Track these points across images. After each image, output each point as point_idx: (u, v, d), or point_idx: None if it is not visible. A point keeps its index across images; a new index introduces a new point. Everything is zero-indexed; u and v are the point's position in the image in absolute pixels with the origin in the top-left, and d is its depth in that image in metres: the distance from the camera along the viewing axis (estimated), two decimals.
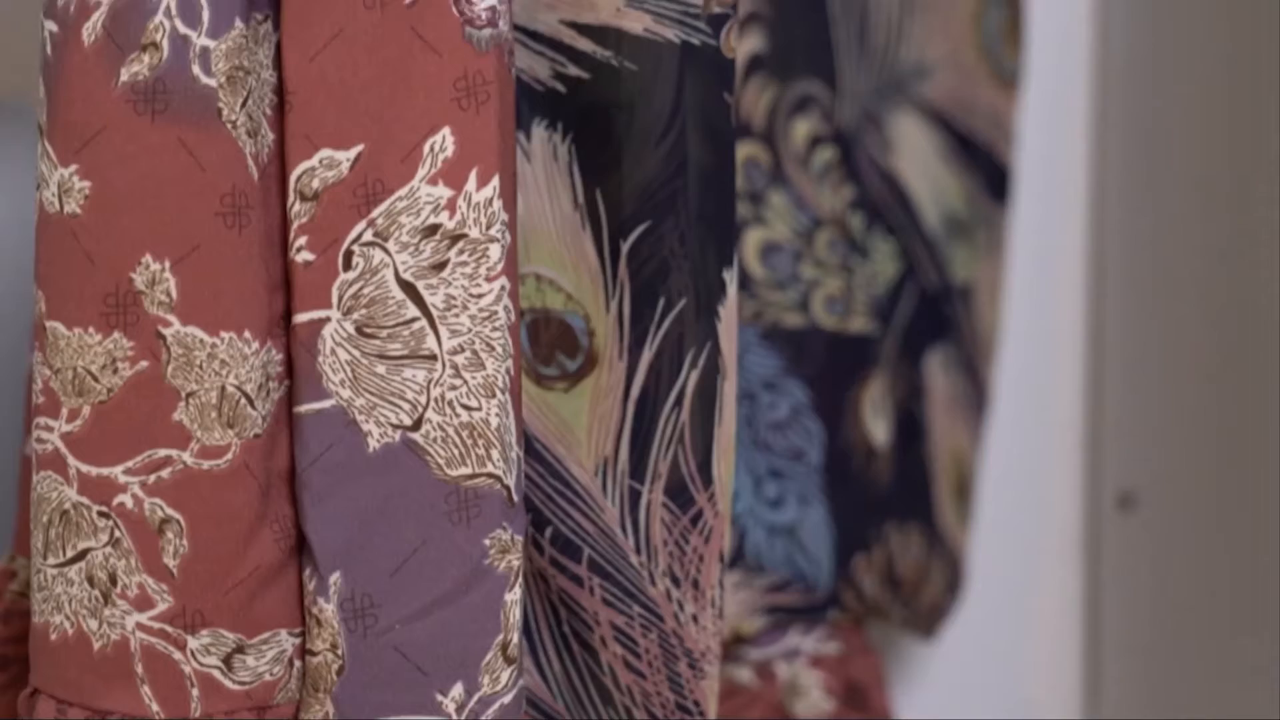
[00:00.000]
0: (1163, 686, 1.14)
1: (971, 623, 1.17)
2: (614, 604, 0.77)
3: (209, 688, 0.70)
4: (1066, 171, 1.21)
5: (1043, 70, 1.15)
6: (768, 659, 0.98)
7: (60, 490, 0.70)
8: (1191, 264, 1.11)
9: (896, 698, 1.10)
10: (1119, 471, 1.18)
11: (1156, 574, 1.15)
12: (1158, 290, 1.15)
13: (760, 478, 0.97)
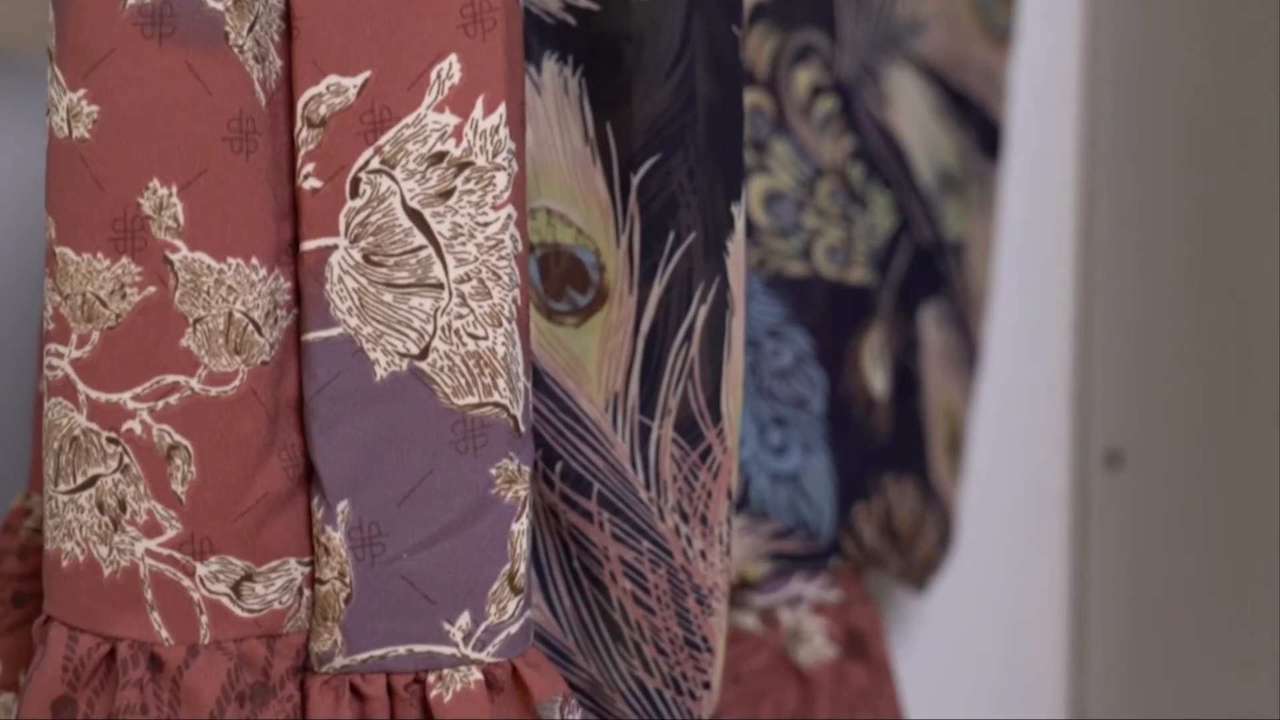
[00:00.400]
0: (1150, 643, 1.15)
1: (960, 578, 1.17)
2: (623, 539, 0.76)
3: (218, 615, 0.69)
4: (1057, 131, 1.21)
5: (1034, 28, 1.16)
6: (771, 605, 0.98)
7: (70, 416, 0.69)
8: (1180, 224, 1.11)
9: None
10: (1106, 430, 1.18)
11: (1144, 532, 1.15)
12: (1146, 249, 1.15)
13: (764, 425, 0.96)
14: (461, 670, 0.71)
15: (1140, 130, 1.15)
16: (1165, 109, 1.14)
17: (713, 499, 0.78)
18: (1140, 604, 1.15)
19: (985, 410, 1.16)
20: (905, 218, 1.05)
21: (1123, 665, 1.17)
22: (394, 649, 0.71)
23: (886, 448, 1.02)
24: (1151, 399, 1.15)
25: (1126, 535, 1.17)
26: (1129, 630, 1.17)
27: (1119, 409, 1.17)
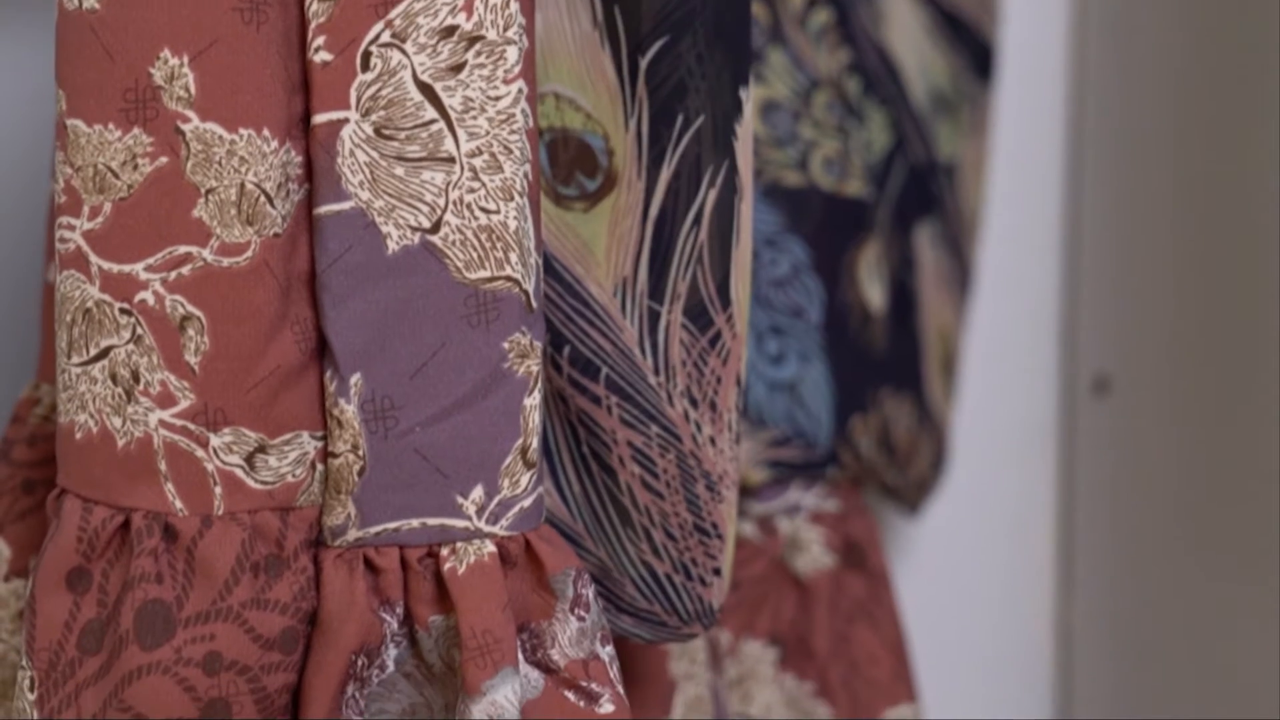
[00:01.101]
0: (1135, 566, 1.15)
1: (950, 504, 1.18)
2: (632, 424, 0.76)
3: (231, 486, 0.69)
4: (1047, 56, 1.21)
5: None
6: (769, 513, 0.98)
7: (82, 288, 0.69)
8: (1169, 149, 1.12)
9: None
10: (1094, 356, 1.19)
11: (1131, 458, 1.16)
12: (1134, 176, 1.15)
13: (761, 334, 0.97)
14: (475, 543, 0.71)
15: (1129, 53, 1.16)
16: (1152, 42, 1.14)
17: (722, 385, 0.78)
18: (1127, 528, 1.16)
19: (973, 337, 1.17)
20: (900, 136, 1.05)
21: (1109, 585, 1.18)
22: (407, 522, 0.71)
23: (883, 362, 1.03)
24: (1138, 325, 1.15)
25: (1114, 460, 1.17)
26: (1116, 552, 1.17)
27: (1106, 335, 1.18)
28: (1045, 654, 1.22)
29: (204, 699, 0.69)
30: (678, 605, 0.78)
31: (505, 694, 0.70)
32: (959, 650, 1.20)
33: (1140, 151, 1.15)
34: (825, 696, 0.99)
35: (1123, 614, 1.17)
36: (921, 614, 1.11)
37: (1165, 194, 1.12)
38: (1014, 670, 1.23)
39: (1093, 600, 1.20)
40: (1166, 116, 1.13)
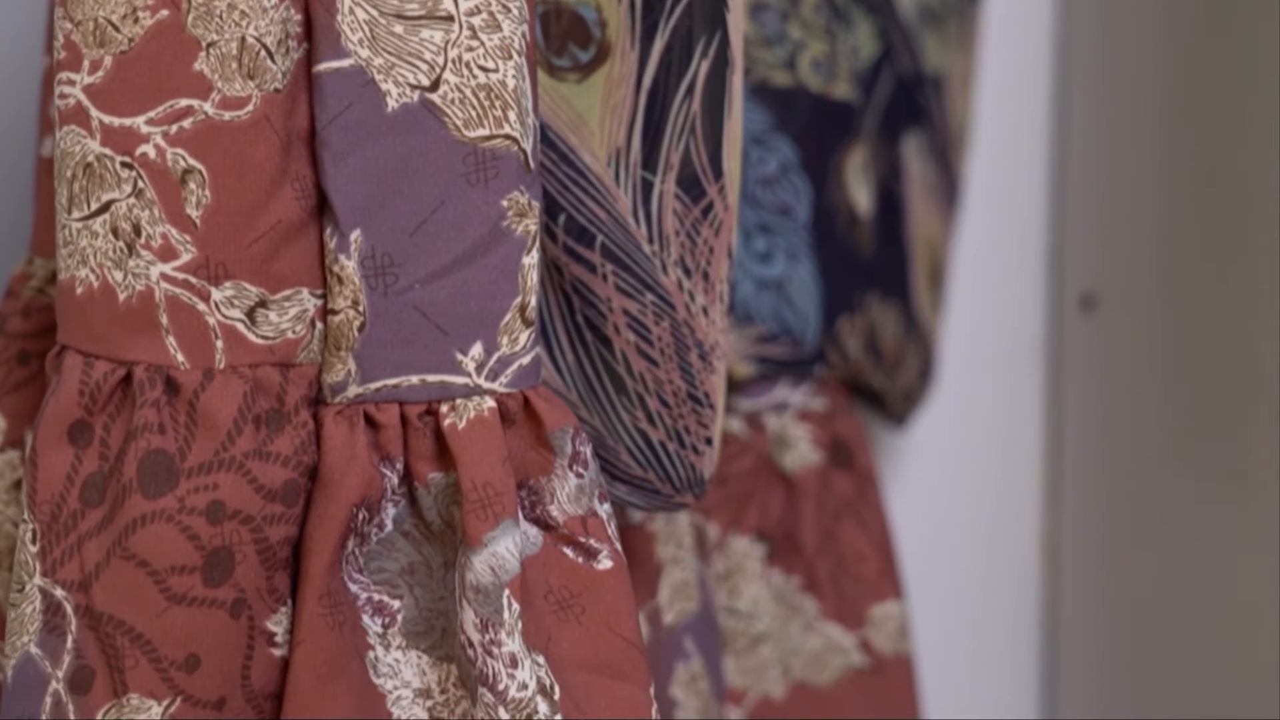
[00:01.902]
0: (1122, 481, 1.16)
1: (937, 421, 1.18)
2: (627, 291, 0.77)
3: (233, 340, 0.70)
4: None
5: None
6: (757, 410, 0.99)
7: (83, 143, 0.69)
8: (1156, 66, 1.13)
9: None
10: (1081, 273, 1.19)
11: (1118, 374, 1.16)
12: (1122, 92, 1.16)
13: (749, 231, 0.97)
14: (474, 399, 0.71)
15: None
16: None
17: (714, 255, 0.79)
18: (1114, 443, 1.17)
19: (962, 253, 1.17)
20: (887, 46, 1.06)
21: (1096, 500, 1.18)
22: (407, 379, 0.71)
23: (871, 266, 1.03)
24: (1126, 242, 1.16)
25: (1101, 377, 1.18)
26: (1103, 468, 1.18)
27: (1094, 252, 1.19)
28: (1032, 569, 1.23)
29: (207, 547, 0.69)
30: (671, 473, 0.79)
31: (506, 545, 0.71)
32: (947, 565, 1.21)
33: (1128, 67, 1.16)
34: (812, 590, 0.99)
35: (1110, 528, 1.18)
36: (910, 529, 1.12)
37: (1153, 110, 1.13)
38: (1001, 585, 1.24)
39: (1080, 515, 1.20)
40: (1155, 32, 1.13)
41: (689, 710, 0.88)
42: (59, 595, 0.69)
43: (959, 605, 1.23)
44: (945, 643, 1.19)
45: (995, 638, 1.24)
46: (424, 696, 0.73)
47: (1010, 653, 1.24)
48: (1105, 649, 1.17)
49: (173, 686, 0.69)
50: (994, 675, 1.24)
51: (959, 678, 1.21)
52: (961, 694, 1.22)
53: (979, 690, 1.24)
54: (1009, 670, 1.24)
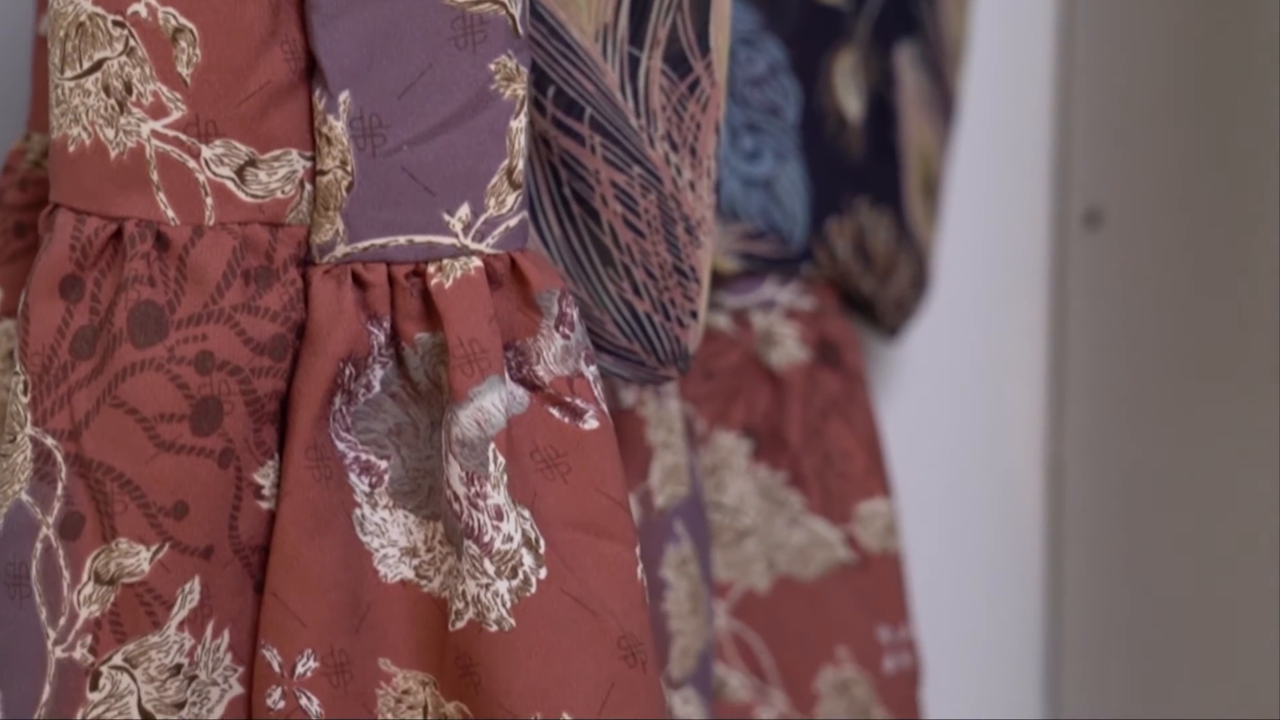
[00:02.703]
0: (1126, 399, 1.16)
1: (938, 338, 1.19)
2: (614, 163, 0.78)
3: (222, 197, 0.70)
4: None
5: None
6: (744, 307, 0.99)
7: (75, 3, 0.70)
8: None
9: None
10: (1085, 189, 1.20)
11: (1122, 290, 1.17)
12: (1127, 6, 1.16)
13: (737, 130, 0.98)
14: (461, 260, 0.72)
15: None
16: None
17: (701, 131, 0.79)
18: (1118, 361, 1.17)
19: (964, 170, 1.18)
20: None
21: (1099, 418, 1.19)
22: (394, 239, 0.72)
23: (860, 171, 1.04)
24: (1130, 158, 1.16)
25: (1105, 293, 1.18)
26: (1106, 385, 1.18)
27: (1098, 169, 1.19)
28: (1035, 490, 1.24)
29: (196, 396, 0.70)
30: (656, 345, 0.80)
31: (492, 400, 0.71)
32: (947, 485, 1.22)
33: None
34: (797, 486, 1.00)
35: (1114, 446, 1.18)
36: (910, 448, 1.13)
37: (1158, 25, 1.13)
38: (1002, 505, 1.24)
39: (1083, 433, 1.21)
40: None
41: (679, 593, 0.89)
42: (49, 444, 0.70)
43: (959, 525, 1.23)
44: (944, 562, 1.20)
45: (997, 557, 1.25)
46: (410, 555, 0.74)
47: (1013, 571, 1.25)
48: (1110, 567, 1.18)
49: (161, 532, 0.70)
50: (996, 594, 1.24)
51: (958, 599, 1.22)
52: (961, 617, 1.22)
53: (978, 611, 1.24)
54: (1011, 589, 1.25)
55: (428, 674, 0.74)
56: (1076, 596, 1.20)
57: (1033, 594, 1.24)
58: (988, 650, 1.24)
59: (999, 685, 1.24)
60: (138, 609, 0.70)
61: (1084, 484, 1.21)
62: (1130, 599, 1.15)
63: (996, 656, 1.24)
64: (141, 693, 0.70)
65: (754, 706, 0.99)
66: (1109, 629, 1.17)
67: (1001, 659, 1.25)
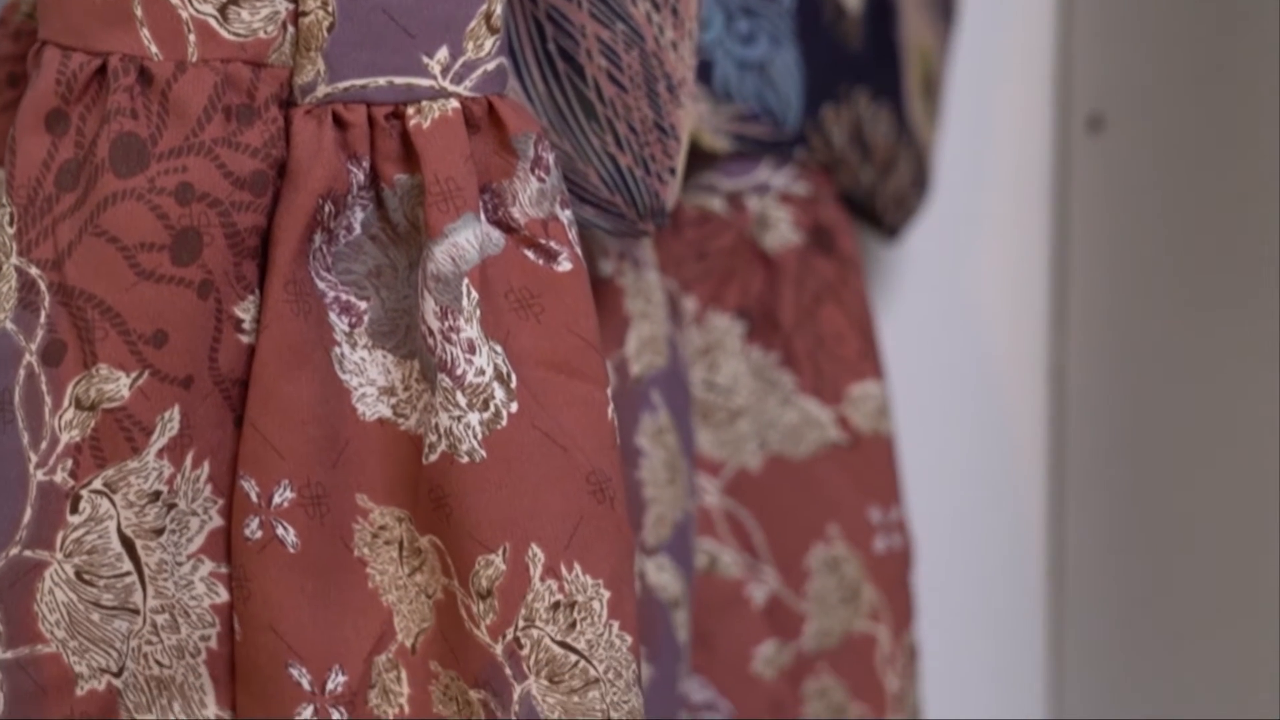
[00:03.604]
0: (1129, 302, 1.17)
1: (940, 240, 1.20)
2: (599, 18, 0.79)
3: (205, 34, 0.72)
4: None
5: None
6: (738, 190, 1.01)
7: None
8: None
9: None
10: (1087, 94, 1.20)
11: (1124, 196, 1.17)
12: None
13: (731, 13, 0.99)
14: (440, 101, 0.73)
15: None
16: None
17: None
18: (1120, 265, 1.18)
19: (964, 74, 1.18)
20: None
21: (1102, 321, 1.19)
22: (374, 80, 0.73)
23: (857, 61, 1.05)
24: (1132, 62, 1.17)
25: (1108, 197, 1.19)
26: (1110, 287, 1.19)
27: (1100, 73, 1.20)
28: (1039, 393, 1.24)
29: (176, 226, 0.71)
30: (636, 198, 0.81)
31: (466, 237, 0.73)
32: (945, 393, 1.22)
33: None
34: (790, 366, 1.01)
35: (1117, 352, 1.19)
36: (911, 357, 1.14)
37: None
38: (1006, 412, 1.25)
39: (1086, 339, 1.22)
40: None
41: (655, 461, 0.90)
42: (34, 273, 0.71)
43: (962, 432, 1.24)
44: (945, 466, 1.20)
45: (996, 466, 1.26)
46: (388, 394, 0.75)
47: (1016, 479, 1.25)
48: (1112, 472, 1.18)
49: (141, 360, 0.71)
50: (997, 498, 1.25)
51: (959, 502, 1.23)
52: (961, 523, 1.23)
53: (980, 521, 1.25)
54: (1013, 494, 1.25)
55: (403, 510, 0.75)
56: (1080, 500, 1.21)
57: (1035, 494, 1.25)
58: (987, 551, 1.25)
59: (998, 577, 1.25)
60: (117, 434, 0.71)
61: (1088, 390, 1.21)
62: (1136, 501, 1.15)
63: (994, 556, 1.25)
64: (121, 518, 0.72)
65: (746, 583, 1.00)
66: (1115, 537, 1.18)
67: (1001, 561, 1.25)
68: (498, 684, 0.72)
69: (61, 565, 0.71)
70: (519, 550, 0.72)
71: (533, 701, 0.72)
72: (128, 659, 0.72)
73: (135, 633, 0.72)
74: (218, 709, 0.75)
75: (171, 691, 0.74)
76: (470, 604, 0.73)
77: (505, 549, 0.72)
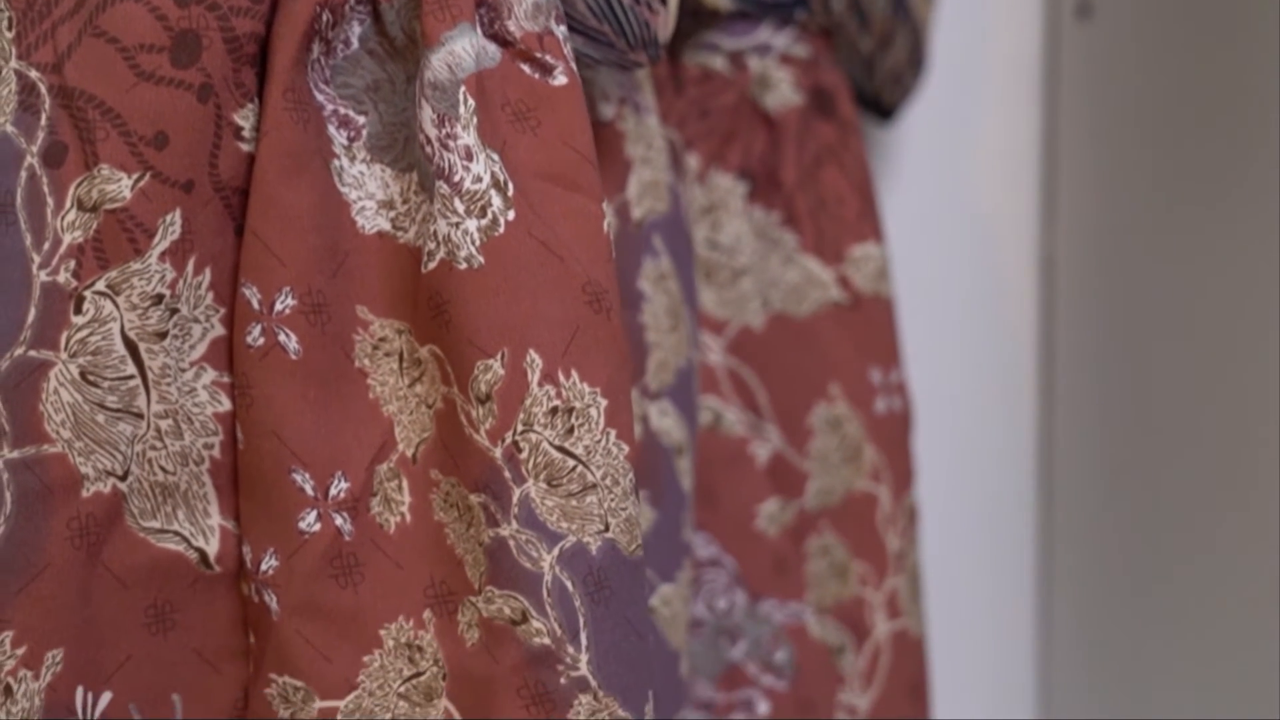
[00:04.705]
0: (1116, 189, 1.17)
1: (929, 129, 1.20)
2: None
3: None
4: None
5: None
6: (740, 50, 1.01)
7: None
8: None
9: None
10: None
11: (1114, 83, 1.18)
12: None
13: None
14: None
15: None
16: None
17: None
18: (1108, 153, 1.18)
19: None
20: None
21: (1090, 210, 1.20)
22: None
23: None
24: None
25: (1097, 84, 1.19)
26: (1097, 175, 1.19)
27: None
28: (1027, 290, 1.25)
29: (175, 28, 0.72)
30: (625, 27, 0.81)
31: (463, 45, 0.74)
32: (936, 283, 1.23)
33: None
34: (792, 225, 1.02)
35: (1106, 239, 1.19)
36: (901, 248, 1.14)
37: None
38: (996, 304, 1.25)
39: (1076, 226, 1.22)
40: None
41: (657, 306, 0.91)
42: (33, 76, 0.72)
43: (950, 320, 1.25)
44: (936, 356, 1.21)
45: (989, 354, 1.26)
46: (387, 208, 0.76)
47: (1005, 370, 1.26)
48: (1098, 366, 1.18)
49: (142, 161, 0.72)
50: (988, 381, 1.26)
51: (949, 382, 1.23)
52: (953, 400, 1.24)
53: (971, 402, 1.25)
54: (1004, 376, 1.26)
55: (403, 322, 0.76)
56: (1068, 391, 1.21)
57: (1025, 386, 1.25)
58: (977, 430, 1.25)
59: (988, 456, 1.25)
60: (120, 235, 0.72)
61: (1076, 279, 1.22)
62: (1118, 388, 1.15)
63: (985, 435, 1.26)
64: (124, 320, 0.73)
65: (749, 441, 1.01)
66: (1099, 426, 1.18)
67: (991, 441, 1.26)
68: (497, 487, 0.73)
69: (66, 365, 0.72)
70: (517, 355, 0.73)
71: (531, 504, 0.73)
72: (133, 464, 0.73)
73: (140, 437, 0.73)
74: (221, 518, 0.76)
75: (176, 499, 0.75)
76: (469, 409, 0.73)
77: (504, 354, 0.73)
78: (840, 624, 1.00)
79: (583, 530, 0.73)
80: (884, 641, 1.01)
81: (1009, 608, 1.23)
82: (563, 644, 0.72)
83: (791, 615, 1.00)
